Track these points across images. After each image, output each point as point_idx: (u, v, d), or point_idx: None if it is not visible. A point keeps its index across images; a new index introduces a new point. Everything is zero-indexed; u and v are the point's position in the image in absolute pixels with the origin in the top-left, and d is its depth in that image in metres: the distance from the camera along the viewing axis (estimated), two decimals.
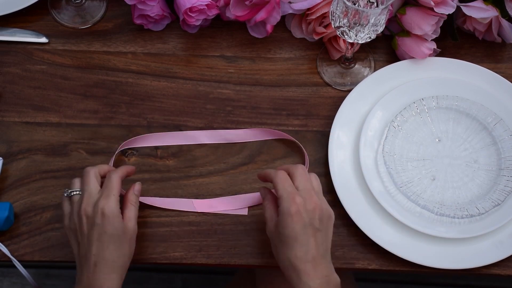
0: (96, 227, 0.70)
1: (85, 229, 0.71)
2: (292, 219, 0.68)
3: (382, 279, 1.48)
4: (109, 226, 0.70)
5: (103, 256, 0.70)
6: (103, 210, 0.70)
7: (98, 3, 0.95)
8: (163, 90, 0.90)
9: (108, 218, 0.70)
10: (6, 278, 1.51)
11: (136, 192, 0.76)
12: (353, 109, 0.87)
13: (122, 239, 0.71)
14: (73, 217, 0.73)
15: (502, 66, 0.92)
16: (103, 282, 0.69)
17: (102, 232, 0.70)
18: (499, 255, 0.79)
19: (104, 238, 0.70)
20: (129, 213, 0.74)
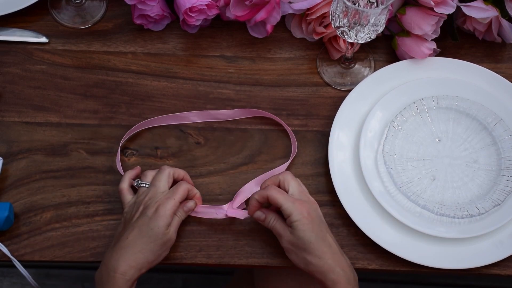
0: (145, 217, 0.74)
1: (136, 216, 0.75)
2: (307, 221, 0.72)
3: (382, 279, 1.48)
4: (155, 223, 0.73)
5: (134, 244, 0.73)
6: (158, 207, 0.74)
7: (98, 3, 0.95)
8: (163, 90, 0.90)
9: (158, 215, 0.74)
10: (6, 278, 1.51)
11: (186, 209, 0.78)
12: (353, 109, 0.87)
13: (158, 240, 0.74)
14: (134, 206, 0.77)
15: (502, 66, 0.92)
16: (120, 263, 0.72)
17: (146, 224, 0.73)
18: (499, 255, 0.79)
19: (144, 229, 0.73)
20: (174, 221, 0.76)
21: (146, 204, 0.76)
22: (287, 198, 0.73)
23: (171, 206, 0.75)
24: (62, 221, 0.82)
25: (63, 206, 0.83)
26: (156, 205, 0.75)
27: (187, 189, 0.78)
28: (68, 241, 0.81)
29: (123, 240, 0.73)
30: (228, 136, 0.87)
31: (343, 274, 0.71)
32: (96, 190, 0.84)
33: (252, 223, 0.82)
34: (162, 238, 0.74)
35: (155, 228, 0.73)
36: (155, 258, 0.74)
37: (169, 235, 0.75)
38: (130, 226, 0.74)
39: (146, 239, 0.73)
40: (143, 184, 0.79)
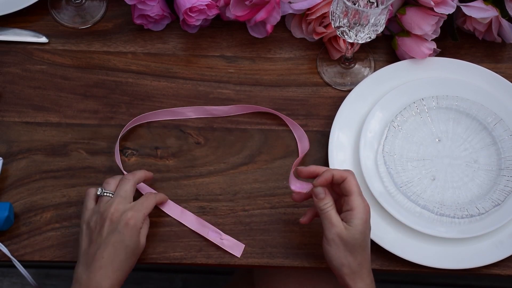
0: (116, 233, 0.73)
1: (105, 232, 0.73)
2: (366, 225, 0.71)
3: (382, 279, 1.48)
4: (129, 237, 0.73)
5: (111, 262, 0.72)
6: (128, 221, 0.73)
7: (98, 3, 0.95)
8: (163, 90, 0.90)
9: (131, 229, 0.73)
10: (6, 278, 1.51)
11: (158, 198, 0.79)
12: (353, 109, 0.87)
13: (133, 252, 0.74)
14: (96, 216, 0.75)
15: (502, 66, 0.92)
16: (103, 284, 0.71)
17: (120, 240, 0.73)
18: (499, 255, 0.79)
19: (119, 246, 0.72)
20: (143, 231, 0.76)
21: (114, 218, 0.74)
22: (360, 192, 0.71)
23: (141, 219, 0.74)
24: (62, 221, 0.82)
25: (63, 206, 0.83)
26: (125, 219, 0.73)
27: (156, 201, 0.78)
28: (68, 241, 0.81)
29: (99, 259, 0.72)
30: (228, 136, 0.87)
31: (371, 286, 0.72)
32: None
33: (252, 223, 0.82)
34: (136, 250, 0.74)
35: (130, 244, 0.73)
36: (130, 270, 0.75)
37: (142, 246, 0.75)
38: (103, 243, 0.72)
39: (123, 256, 0.73)
40: (107, 193, 0.77)
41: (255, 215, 0.82)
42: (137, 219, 0.74)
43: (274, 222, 0.82)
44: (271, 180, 0.85)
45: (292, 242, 0.81)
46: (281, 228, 0.81)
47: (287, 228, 0.81)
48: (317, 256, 0.80)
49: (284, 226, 0.81)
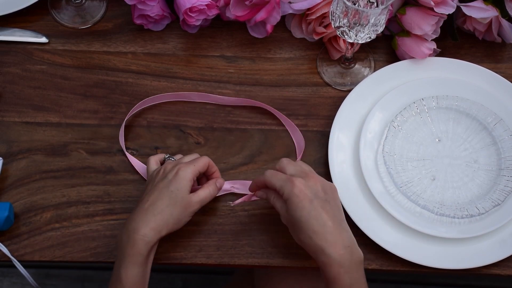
0: (165, 180, 0.75)
1: (157, 180, 0.76)
2: (298, 198, 0.70)
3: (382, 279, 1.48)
4: (175, 185, 0.74)
5: (154, 206, 0.73)
6: (178, 171, 0.75)
7: (98, 3, 0.95)
8: (163, 90, 0.90)
9: (178, 178, 0.75)
10: (6, 278, 1.51)
11: (218, 185, 0.79)
12: (353, 109, 0.87)
13: (178, 203, 0.74)
14: (157, 172, 0.78)
15: (502, 66, 0.92)
16: (141, 226, 0.72)
17: (167, 186, 0.74)
18: (499, 255, 0.79)
19: (165, 192, 0.74)
20: (201, 192, 0.77)
21: (167, 169, 0.77)
22: (281, 177, 0.72)
23: (191, 170, 0.75)
24: (62, 221, 0.82)
25: (63, 206, 0.83)
26: (176, 169, 0.75)
27: (208, 162, 0.78)
28: (68, 241, 0.81)
29: (144, 202, 0.74)
30: (228, 136, 0.87)
31: (335, 256, 0.68)
32: (96, 190, 0.84)
33: (252, 223, 0.82)
34: (182, 201, 0.74)
35: (174, 190, 0.74)
36: (175, 222, 0.74)
37: (190, 201, 0.75)
38: (151, 189, 0.75)
39: (166, 201, 0.73)
40: (171, 157, 0.82)
41: (255, 215, 0.82)
42: (185, 169, 0.75)
43: (274, 222, 0.82)
44: None
45: (292, 242, 0.81)
46: (281, 228, 0.81)
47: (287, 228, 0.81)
48: None
49: (284, 226, 0.81)
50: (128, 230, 0.72)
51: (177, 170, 0.75)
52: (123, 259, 0.72)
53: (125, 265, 0.71)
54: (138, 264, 0.71)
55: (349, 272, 0.69)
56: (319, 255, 0.69)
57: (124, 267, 0.71)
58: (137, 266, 0.71)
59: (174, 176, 0.75)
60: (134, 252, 0.71)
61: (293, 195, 0.70)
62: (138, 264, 0.71)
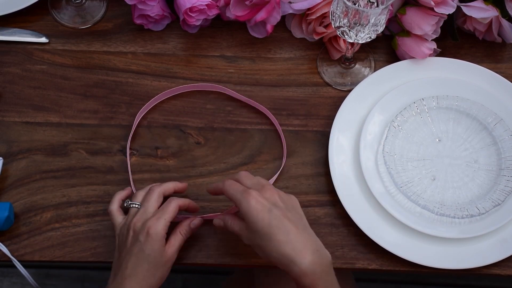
0: (138, 243, 0.72)
1: (129, 242, 0.73)
2: (256, 211, 0.67)
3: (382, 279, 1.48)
4: (149, 246, 0.72)
5: (135, 272, 0.71)
6: (149, 230, 0.72)
7: (98, 3, 0.95)
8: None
9: (151, 238, 0.72)
10: (6, 278, 1.51)
11: (193, 226, 0.77)
12: (353, 109, 0.87)
13: (158, 262, 0.72)
14: (124, 228, 0.75)
15: (502, 66, 0.92)
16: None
17: (142, 250, 0.72)
18: (499, 255, 0.79)
19: (140, 256, 0.72)
20: (174, 241, 0.75)
21: (136, 228, 0.73)
22: (237, 188, 0.70)
23: (162, 226, 0.72)
24: (62, 221, 0.82)
25: (63, 206, 0.83)
26: (146, 228, 0.72)
27: (177, 206, 0.75)
28: (68, 241, 0.81)
29: (123, 270, 0.72)
30: (228, 136, 0.87)
31: (306, 265, 0.66)
32: (96, 190, 0.84)
33: None
34: (161, 260, 0.72)
35: (151, 253, 0.71)
36: (159, 282, 0.73)
37: (168, 256, 0.73)
38: (127, 254, 0.72)
39: (145, 266, 0.71)
40: (133, 204, 0.76)
41: None
42: (157, 227, 0.72)
43: None
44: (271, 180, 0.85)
45: None
46: None
47: None
48: None
49: None
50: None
51: (147, 229, 0.72)
52: None
53: None
54: None
55: (323, 277, 0.67)
56: (290, 266, 0.66)
57: None
58: None
59: (145, 237, 0.72)
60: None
61: (250, 207, 0.68)
62: None
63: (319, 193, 0.84)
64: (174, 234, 0.75)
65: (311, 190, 0.84)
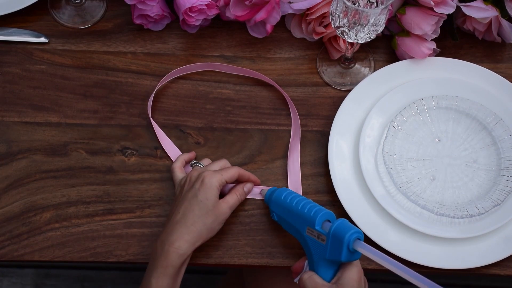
0: (193, 190, 0.75)
1: (184, 190, 0.76)
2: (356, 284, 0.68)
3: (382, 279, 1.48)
4: (202, 193, 0.74)
5: (185, 217, 0.74)
6: (204, 179, 0.75)
7: (98, 3, 0.95)
8: (163, 90, 0.90)
9: (205, 186, 0.74)
10: (6, 278, 1.51)
11: (246, 189, 0.80)
12: (352, 110, 0.87)
13: (209, 211, 0.74)
14: (182, 180, 0.79)
15: (502, 66, 0.92)
16: (175, 240, 0.73)
17: (195, 196, 0.75)
18: (499, 255, 0.79)
19: (193, 201, 0.74)
20: (229, 198, 0.77)
21: (192, 177, 0.77)
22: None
23: (218, 179, 0.75)
24: (62, 221, 0.82)
25: (63, 206, 0.83)
26: (201, 178, 0.75)
27: (238, 172, 0.78)
28: (68, 241, 0.81)
29: (176, 215, 0.75)
30: (228, 136, 0.87)
31: None
32: (96, 190, 0.84)
33: (252, 223, 0.82)
34: (213, 210, 0.74)
35: (204, 200, 0.74)
36: (208, 231, 0.75)
37: (221, 209, 0.75)
38: (181, 200, 0.75)
39: (197, 212, 0.74)
40: (198, 164, 0.81)
41: (255, 215, 0.82)
42: (211, 177, 0.75)
43: (274, 222, 0.82)
44: (271, 180, 0.85)
45: (292, 242, 0.81)
46: (281, 228, 0.81)
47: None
48: None
49: None
50: (163, 241, 0.73)
51: (203, 178, 0.75)
52: (155, 269, 0.72)
53: (156, 275, 0.72)
54: (170, 276, 0.72)
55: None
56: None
57: (156, 277, 0.72)
58: (168, 277, 0.72)
59: (200, 184, 0.75)
60: (167, 264, 0.72)
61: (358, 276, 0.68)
62: (170, 276, 0.72)
63: (318, 193, 0.84)
64: (230, 193, 0.78)
65: (311, 190, 0.84)
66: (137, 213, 0.82)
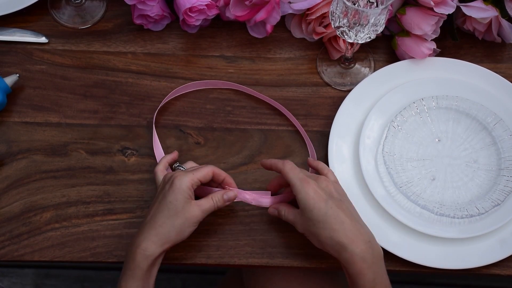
0: (163, 191, 0.74)
1: (158, 191, 0.76)
2: (313, 200, 0.71)
3: None
4: (172, 194, 0.73)
5: (155, 218, 0.73)
6: (174, 180, 0.74)
7: (98, 3, 0.95)
8: (163, 90, 0.90)
9: (174, 187, 0.73)
10: (6, 278, 1.51)
11: (226, 197, 0.77)
12: (353, 109, 0.87)
13: (178, 212, 0.72)
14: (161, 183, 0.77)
15: (502, 66, 0.92)
16: (141, 240, 0.72)
17: (164, 197, 0.73)
18: (499, 255, 0.79)
19: (163, 202, 0.73)
20: (203, 201, 0.75)
21: (166, 179, 0.76)
22: (297, 175, 0.73)
23: (188, 179, 0.73)
24: (62, 221, 0.82)
25: (63, 206, 0.83)
26: (171, 179, 0.74)
27: (211, 170, 0.76)
28: (68, 241, 0.81)
29: (147, 216, 0.74)
30: (228, 136, 0.87)
31: (357, 252, 0.69)
32: (96, 190, 0.84)
33: (252, 223, 0.82)
34: (183, 212, 0.72)
35: (173, 200, 0.72)
36: (177, 233, 0.73)
37: (192, 211, 0.73)
38: (153, 202, 0.75)
39: (166, 212, 0.72)
40: (181, 167, 0.80)
41: (255, 215, 0.82)
42: (181, 178, 0.73)
43: (274, 222, 0.82)
44: None
45: (292, 242, 0.81)
46: (281, 228, 0.81)
47: (287, 228, 0.81)
48: (317, 256, 0.80)
49: (284, 226, 0.81)
50: (132, 244, 0.73)
51: (173, 179, 0.73)
52: (124, 272, 0.72)
53: (126, 278, 0.72)
54: (138, 278, 0.71)
55: (372, 267, 0.70)
56: (341, 252, 0.70)
57: (125, 280, 0.71)
58: (137, 280, 0.71)
59: (170, 185, 0.73)
60: (134, 266, 0.71)
61: (308, 195, 0.72)
62: (138, 278, 0.71)
63: None
64: (206, 197, 0.76)
65: None
66: (137, 213, 0.82)
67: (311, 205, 0.71)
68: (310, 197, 0.72)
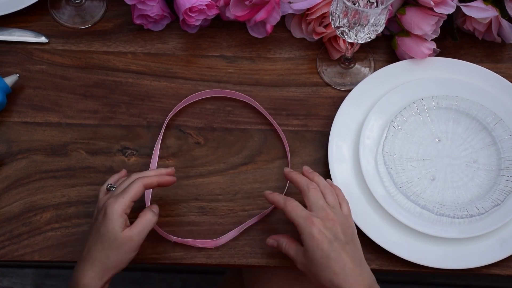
0: (97, 223, 0.72)
1: (92, 221, 0.73)
2: (317, 241, 0.69)
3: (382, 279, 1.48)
4: (104, 226, 0.70)
5: (90, 253, 0.71)
6: (106, 209, 0.71)
7: (98, 3, 0.95)
8: (163, 90, 0.90)
9: (106, 218, 0.70)
10: (6, 278, 1.51)
11: (155, 210, 0.75)
12: (353, 109, 0.87)
13: (111, 244, 0.70)
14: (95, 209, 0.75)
15: (502, 66, 0.92)
16: (81, 277, 0.70)
17: (98, 230, 0.71)
18: (499, 255, 0.79)
19: (96, 236, 0.71)
20: (134, 225, 0.72)
21: (98, 208, 0.73)
22: (301, 214, 0.71)
23: (120, 204, 0.70)
24: (62, 221, 0.82)
25: (63, 206, 0.83)
26: (104, 208, 0.70)
27: (142, 186, 0.72)
28: (68, 241, 0.81)
29: (84, 250, 0.72)
30: (228, 136, 0.87)
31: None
32: (96, 190, 0.84)
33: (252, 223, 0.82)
34: (115, 242, 0.70)
35: (105, 232, 0.70)
36: (115, 264, 0.70)
37: (125, 238, 0.70)
38: (88, 234, 0.72)
39: (99, 246, 0.70)
40: (113, 187, 0.76)
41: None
42: (112, 206, 0.70)
43: (274, 222, 0.82)
44: (271, 180, 0.85)
45: None
46: (281, 228, 0.81)
47: (287, 228, 0.81)
48: None
49: (284, 226, 0.81)
50: (71, 281, 0.71)
51: (105, 209, 0.70)
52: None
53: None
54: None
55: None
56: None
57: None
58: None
59: (103, 216, 0.70)
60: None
61: (312, 236, 0.69)
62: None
63: None
64: (137, 218, 0.73)
65: None
66: (137, 213, 0.82)
67: (314, 245, 0.69)
68: (314, 238, 0.69)
